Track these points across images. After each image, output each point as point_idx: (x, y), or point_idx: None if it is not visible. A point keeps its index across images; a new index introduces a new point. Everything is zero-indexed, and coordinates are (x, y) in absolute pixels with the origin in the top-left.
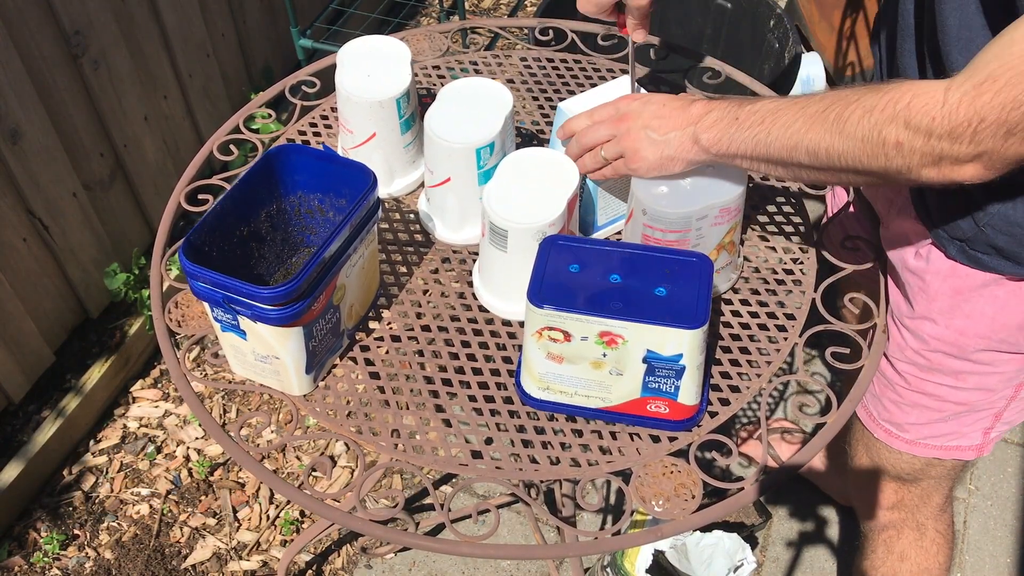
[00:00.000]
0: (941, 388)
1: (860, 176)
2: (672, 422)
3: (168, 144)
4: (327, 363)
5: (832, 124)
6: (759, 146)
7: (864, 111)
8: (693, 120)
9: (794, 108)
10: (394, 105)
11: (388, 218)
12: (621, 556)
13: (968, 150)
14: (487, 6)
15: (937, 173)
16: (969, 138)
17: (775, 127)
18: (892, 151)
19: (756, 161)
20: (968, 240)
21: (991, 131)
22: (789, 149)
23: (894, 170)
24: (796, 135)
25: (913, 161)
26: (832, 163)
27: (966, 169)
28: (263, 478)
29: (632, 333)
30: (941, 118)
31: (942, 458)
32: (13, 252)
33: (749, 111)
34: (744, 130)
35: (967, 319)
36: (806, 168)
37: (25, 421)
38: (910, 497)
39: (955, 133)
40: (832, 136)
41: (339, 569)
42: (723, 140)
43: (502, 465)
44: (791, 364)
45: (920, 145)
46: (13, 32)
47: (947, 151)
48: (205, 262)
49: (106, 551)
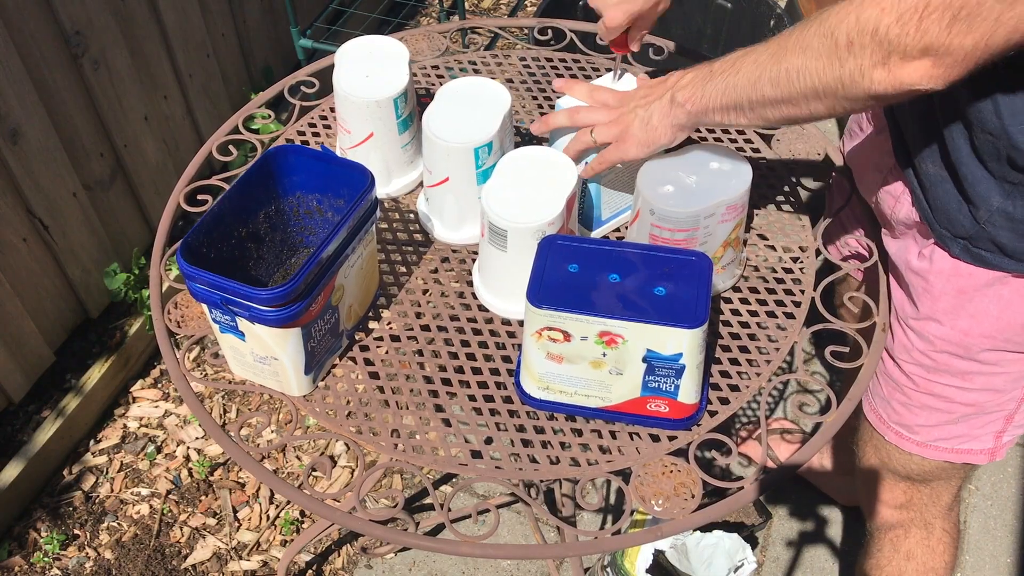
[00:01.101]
0: (948, 389)
1: (821, 99)
2: (672, 421)
3: (168, 144)
4: (326, 364)
5: (792, 45)
6: (728, 90)
7: (820, 21)
8: (670, 85)
9: (763, 45)
10: (391, 105)
11: (387, 218)
12: (621, 556)
13: (914, 40)
14: (487, 6)
15: (887, 74)
16: (915, 26)
17: (744, 67)
18: (844, 52)
19: (728, 111)
20: (970, 238)
21: (936, 16)
22: (754, 83)
23: (847, 76)
24: (761, 66)
25: (864, 61)
26: (793, 85)
27: (914, 66)
28: (263, 478)
29: (632, 333)
30: (890, 7)
31: (954, 462)
32: (13, 252)
33: (722, 61)
34: (716, 77)
35: (972, 319)
36: (771, 103)
37: (25, 421)
38: (919, 497)
39: (902, 20)
40: (791, 54)
41: (339, 569)
42: (696, 94)
43: (502, 465)
44: (791, 363)
45: (868, 41)
46: (13, 32)
47: (895, 43)
48: (203, 263)
49: (106, 551)
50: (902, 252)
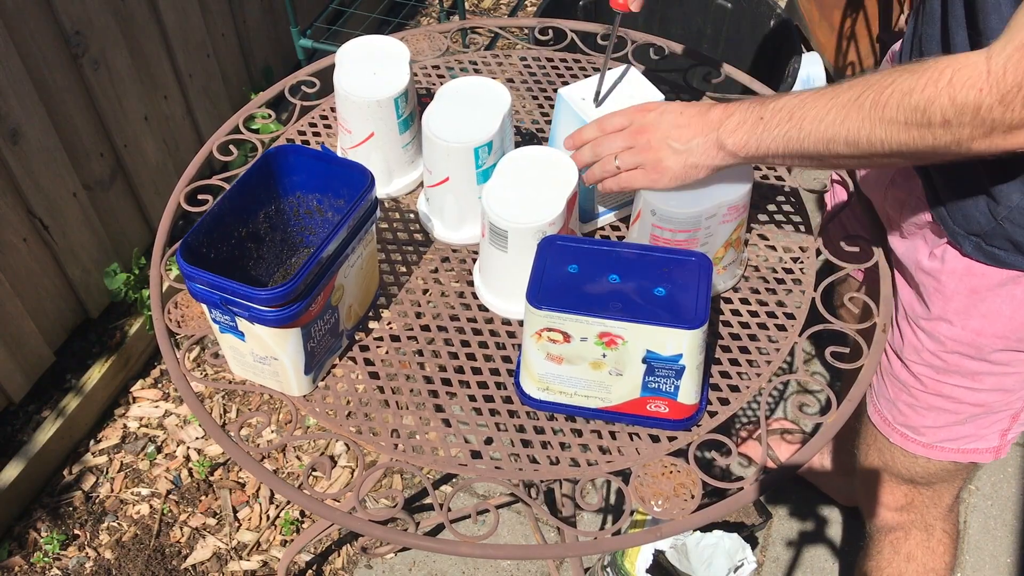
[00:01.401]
0: (958, 390)
1: (907, 158)
2: (672, 421)
3: (168, 144)
4: (326, 364)
5: (869, 111)
6: (791, 143)
7: (903, 94)
8: (715, 125)
9: (823, 99)
10: (392, 105)
11: (387, 218)
12: (621, 556)
13: (1020, 116)
14: (487, 6)
15: (988, 144)
16: (1021, 103)
17: (806, 122)
18: (940, 130)
19: (788, 158)
20: (984, 235)
21: None
22: (826, 142)
23: (943, 147)
24: (832, 127)
25: (963, 135)
26: (875, 150)
27: (1018, 136)
28: (263, 478)
29: (631, 333)
30: (988, 88)
31: (960, 461)
32: (13, 252)
33: (773, 109)
34: (772, 129)
35: (984, 319)
36: (844, 158)
37: (25, 421)
38: (921, 499)
39: (1005, 100)
40: (872, 124)
41: (339, 569)
42: (751, 142)
43: (502, 465)
44: (791, 364)
45: (969, 119)
46: (13, 32)
47: (999, 120)
48: (203, 263)
49: (106, 551)
50: (911, 252)
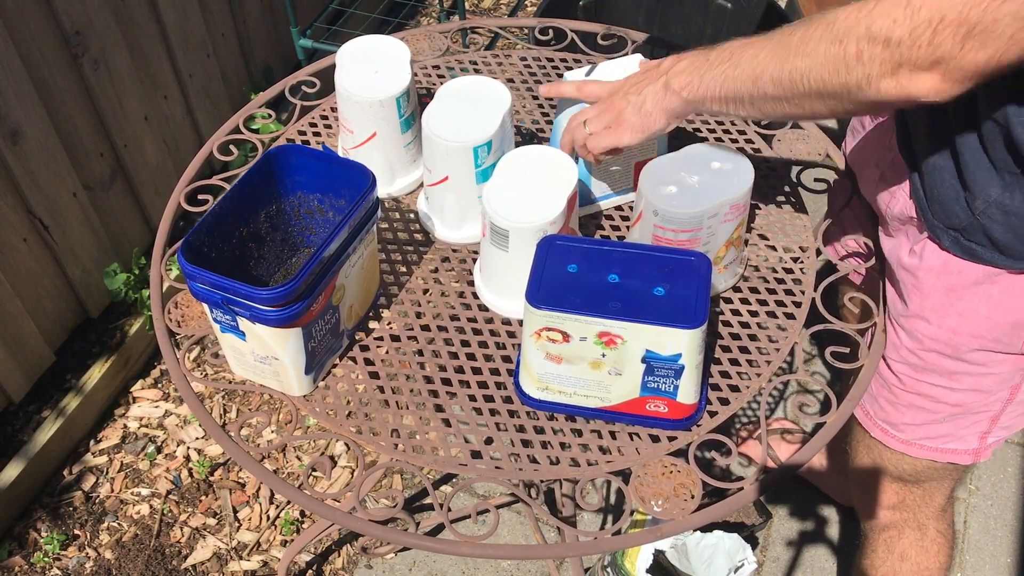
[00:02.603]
0: (936, 389)
1: (823, 101)
2: (671, 421)
3: (168, 144)
4: (327, 364)
5: (796, 45)
6: (727, 82)
7: (826, 25)
8: (665, 70)
9: (763, 39)
10: (394, 104)
11: (388, 218)
12: (621, 556)
13: (926, 54)
14: (487, 6)
15: (895, 84)
16: (928, 40)
17: (743, 59)
18: (852, 61)
19: (725, 101)
20: (963, 230)
21: (950, 31)
22: (755, 79)
23: (854, 84)
24: (762, 63)
25: (873, 70)
26: (796, 87)
27: (923, 78)
28: (263, 478)
29: (631, 333)
30: (903, 19)
31: (937, 460)
32: (13, 252)
33: (719, 50)
34: (714, 67)
35: (960, 317)
36: (772, 100)
37: (25, 421)
38: (912, 498)
39: (915, 34)
40: (796, 57)
41: (339, 569)
42: (693, 82)
43: (502, 465)
44: (791, 364)
45: (879, 52)
46: (13, 32)
47: (906, 56)
48: (204, 263)
49: (106, 551)
50: (895, 249)
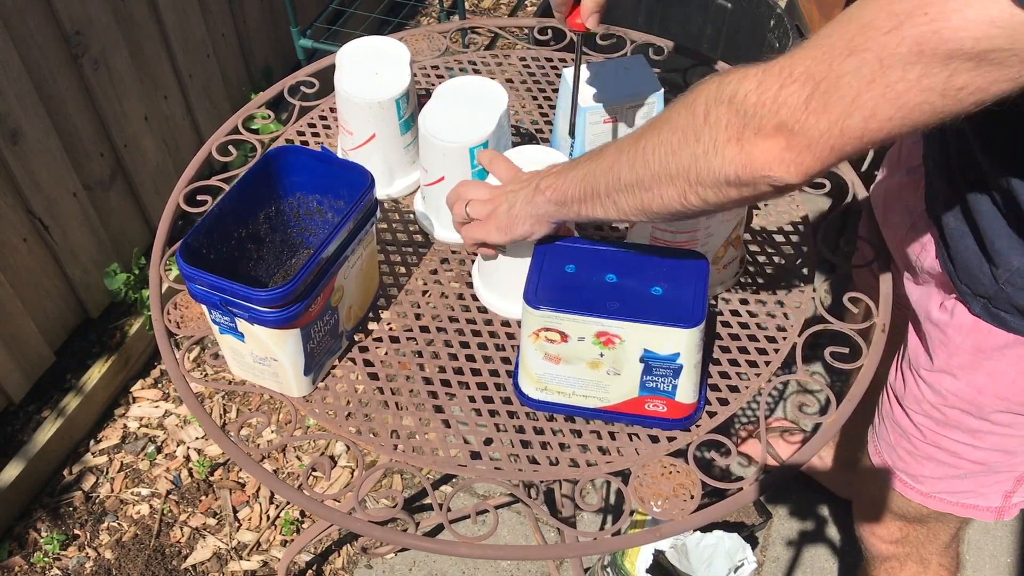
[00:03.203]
0: (958, 445)
1: (673, 183)
2: (670, 421)
3: (168, 144)
4: (326, 365)
5: (656, 121)
6: (587, 176)
7: (683, 99)
8: (541, 174)
9: (630, 136)
10: (394, 106)
11: (387, 219)
12: (621, 556)
13: (771, 112)
14: (487, 6)
15: (739, 151)
16: (774, 96)
17: (606, 152)
18: (701, 124)
19: (584, 199)
20: (990, 298)
21: (796, 87)
22: (612, 165)
23: (701, 153)
24: (621, 150)
25: (719, 134)
26: (648, 165)
27: (767, 145)
28: (263, 479)
29: (629, 333)
30: (753, 75)
31: (957, 515)
32: (13, 252)
33: (589, 153)
34: (579, 166)
35: (988, 377)
36: (626, 188)
37: (25, 421)
38: (915, 535)
39: (761, 88)
40: (652, 131)
41: (339, 569)
42: (559, 183)
43: (501, 466)
44: (791, 364)
45: (725, 111)
46: (13, 32)
47: (751, 113)
48: (203, 264)
49: (106, 551)
50: (924, 300)
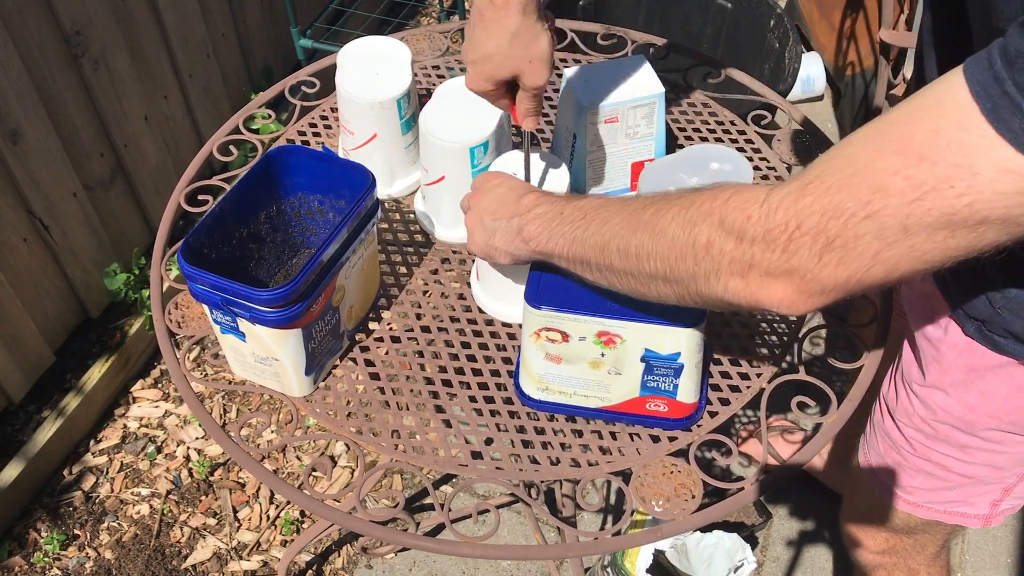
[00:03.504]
0: (947, 459)
1: (670, 286)
2: (671, 420)
3: (168, 144)
4: (327, 364)
5: (647, 221)
6: (575, 244)
7: (681, 208)
8: (521, 211)
9: (617, 204)
10: (395, 106)
11: (388, 219)
12: (621, 556)
13: (780, 261)
14: None
15: (744, 287)
16: (783, 246)
17: (593, 223)
18: (701, 252)
19: (573, 262)
20: (984, 321)
21: (808, 240)
22: (601, 247)
23: (702, 276)
24: (610, 232)
25: (722, 265)
26: (642, 265)
27: (775, 287)
28: (263, 479)
29: (630, 332)
30: (758, 218)
31: (945, 522)
32: (13, 252)
33: (575, 206)
34: (565, 225)
35: (980, 396)
36: (618, 273)
37: (25, 421)
38: (902, 545)
39: (769, 237)
40: (644, 233)
41: (339, 569)
42: (543, 235)
43: (502, 465)
44: (791, 364)
45: (731, 248)
46: (13, 32)
47: (758, 258)
48: (204, 264)
49: (106, 551)
50: (919, 315)
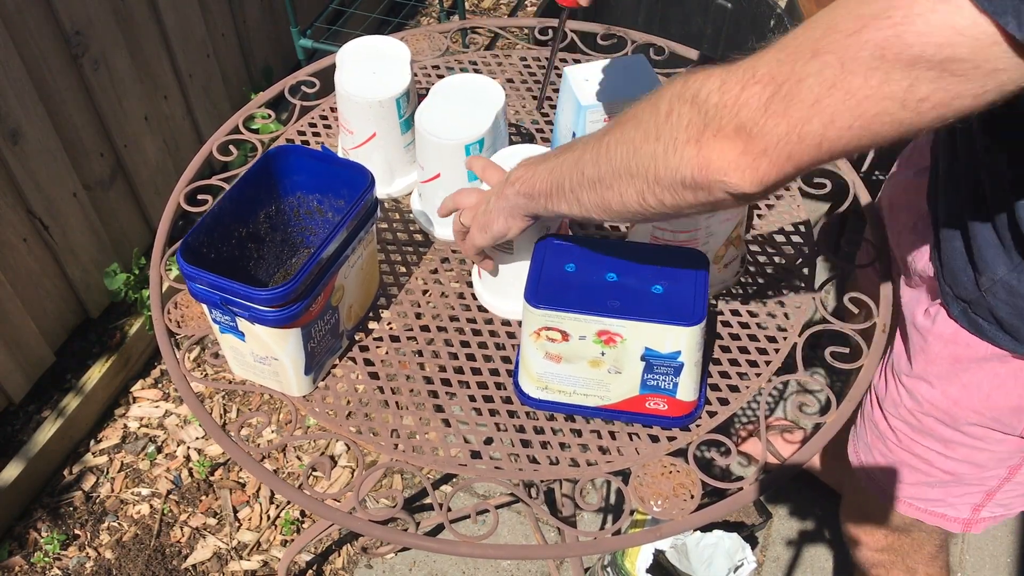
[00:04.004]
0: (930, 452)
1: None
2: (671, 419)
3: (168, 144)
4: (326, 364)
5: (621, 118)
6: (554, 170)
7: (650, 97)
8: (511, 171)
9: (596, 131)
10: (394, 105)
11: (387, 218)
12: (621, 556)
13: (731, 113)
14: (487, 6)
15: (697, 152)
16: (736, 96)
17: (574, 147)
18: (663, 122)
19: (551, 195)
20: (970, 303)
21: (758, 89)
22: (577, 160)
23: (661, 152)
24: (587, 145)
25: (679, 132)
26: (610, 162)
27: (724, 146)
28: (263, 478)
29: (630, 331)
30: (718, 74)
31: (925, 522)
32: (13, 252)
33: (560, 147)
34: (548, 160)
35: (963, 389)
36: (588, 184)
37: (25, 421)
38: (899, 544)
39: (724, 88)
40: (617, 128)
41: (339, 569)
42: (527, 175)
43: (501, 465)
44: (791, 364)
45: (687, 110)
46: (13, 32)
47: (711, 113)
48: (203, 264)
49: (106, 551)
50: (912, 304)
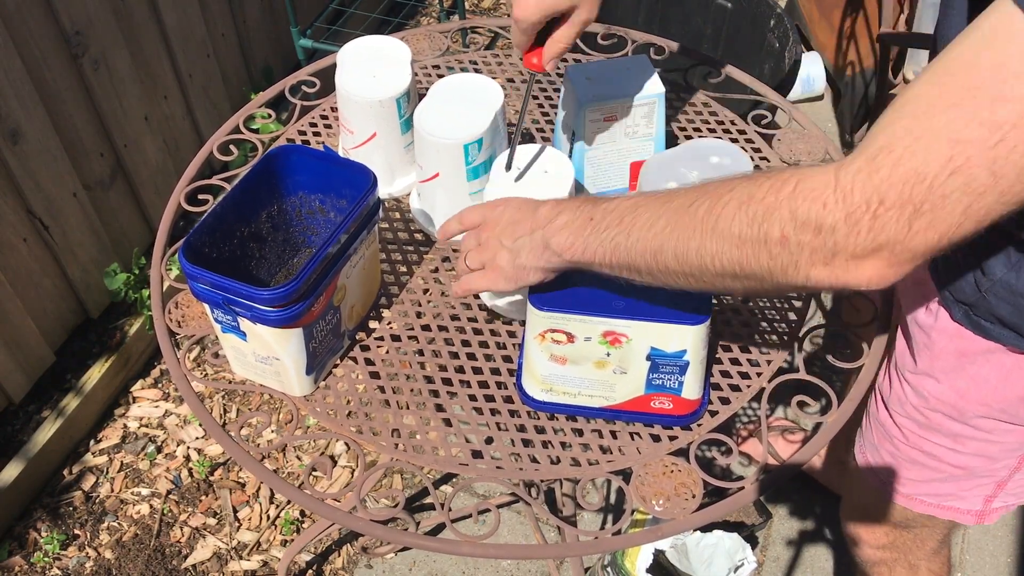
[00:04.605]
0: (939, 448)
1: (740, 281)
2: (676, 417)
3: (168, 144)
4: (328, 364)
5: (702, 220)
6: (619, 250)
7: (739, 203)
8: (542, 223)
9: (656, 203)
10: (395, 105)
11: (388, 218)
12: (622, 556)
13: (866, 241)
14: (487, 6)
15: (829, 273)
16: (868, 226)
17: (635, 228)
18: (776, 247)
19: (618, 269)
20: (971, 305)
21: (894, 214)
22: (653, 252)
23: (779, 269)
24: (660, 236)
25: (801, 257)
26: (705, 267)
27: (864, 267)
28: (263, 478)
29: (636, 331)
30: (834, 203)
31: (938, 516)
32: (13, 252)
33: (604, 210)
34: (600, 232)
35: (970, 382)
36: (676, 274)
37: (25, 421)
38: (903, 540)
39: (851, 220)
40: (703, 234)
41: (339, 569)
42: (577, 244)
43: (502, 465)
44: (791, 363)
45: (810, 239)
46: (13, 32)
47: (842, 244)
48: (205, 263)
49: (106, 551)
50: (912, 302)
